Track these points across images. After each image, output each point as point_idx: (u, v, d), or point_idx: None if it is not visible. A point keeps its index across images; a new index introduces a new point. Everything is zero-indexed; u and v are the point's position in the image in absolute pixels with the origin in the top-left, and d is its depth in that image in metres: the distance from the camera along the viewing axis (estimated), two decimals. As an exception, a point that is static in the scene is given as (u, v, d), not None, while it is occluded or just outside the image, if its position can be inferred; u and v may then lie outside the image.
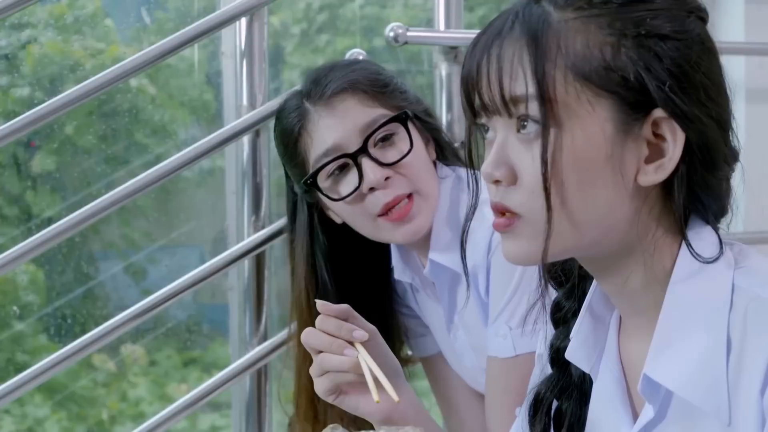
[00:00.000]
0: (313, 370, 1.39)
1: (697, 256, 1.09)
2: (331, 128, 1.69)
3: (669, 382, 1.08)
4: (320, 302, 1.39)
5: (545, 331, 1.26)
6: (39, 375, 1.85)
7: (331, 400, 1.40)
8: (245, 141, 2.01)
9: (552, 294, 1.24)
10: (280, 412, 1.98)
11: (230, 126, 1.97)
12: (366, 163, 1.67)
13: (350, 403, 1.40)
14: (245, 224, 2.02)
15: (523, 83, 1.07)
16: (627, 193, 1.08)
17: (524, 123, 1.08)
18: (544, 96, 1.06)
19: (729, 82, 1.12)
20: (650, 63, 1.06)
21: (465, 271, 1.25)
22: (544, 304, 1.21)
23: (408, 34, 2.05)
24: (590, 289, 1.20)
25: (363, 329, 1.37)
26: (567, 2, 1.08)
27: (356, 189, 1.67)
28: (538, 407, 1.26)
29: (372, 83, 1.72)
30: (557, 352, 1.24)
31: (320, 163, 1.69)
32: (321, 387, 1.39)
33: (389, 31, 2.05)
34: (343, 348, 1.36)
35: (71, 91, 1.84)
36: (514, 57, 1.07)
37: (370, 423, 1.41)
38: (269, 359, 2.02)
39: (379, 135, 1.68)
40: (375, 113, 1.69)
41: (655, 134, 1.08)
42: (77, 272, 3.05)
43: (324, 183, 1.71)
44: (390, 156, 1.68)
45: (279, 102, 1.81)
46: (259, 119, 1.96)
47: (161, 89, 3.08)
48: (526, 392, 1.29)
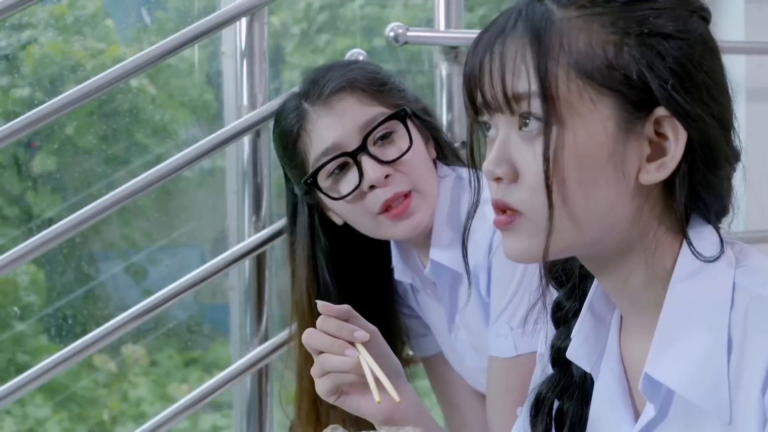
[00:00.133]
0: (314, 371, 1.39)
1: (698, 255, 1.09)
2: (330, 127, 1.69)
3: (670, 381, 1.08)
4: (321, 303, 1.39)
5: (546, 331, 1.26)
6: (40, 375, 1.85)
7: (333, 401, 1.40)
8: (246, 141, 2.01)
9: (553, 294, 1.24)
10: (281, 413, 1.98)
11: (231, 126, 1.97)
12: (366, 162, 1.67)
13: (351, 404, 1.40)
14: (246, 224, 2.02)
15: (526, 81, 1.07)
16: (628, 192, 1.08)
17: (526, 120, 1.08)
18: (547, 93, 1.06)
19: (731, 82, 1.12)
20: (653, 62, 1.06)
21: (466, 269, 1.25)
22: (545, 304, 1.21)
23: (408, 34, 2.04)
24: (591, 289, 1.20)
25: (364, 330, 1.37)
26: (570, 1, 1.08)
27: (356, 187, 1.67)
28: (540, 407, 1.26)
29: (370, 82, 1.71)
30: (558, 352, 1.24)
31: (320, 163, 1.69)
32: (322, 387, 1.39)
33: (389, 31, 2.05)
34: (344, 348, 1.36)
35: (72, 92, 1.84)
36: (517, 54, 1.07)
37: (372, 424, 1.41)
38: (270, 359, 2.01)
39: (379, 133, 1.68)
40: (374, 111, 1.69)
41: (657, 133, 1.08)
42: (78, 273, 3.04)
43: (324, 182, 1.70)
44: (389, 154, 1.68)
45: (278, 103, 1.81)
46: (260, 119, 1.96)
47: (162, 89, 3.07)
48: (528, 392, 1.29)
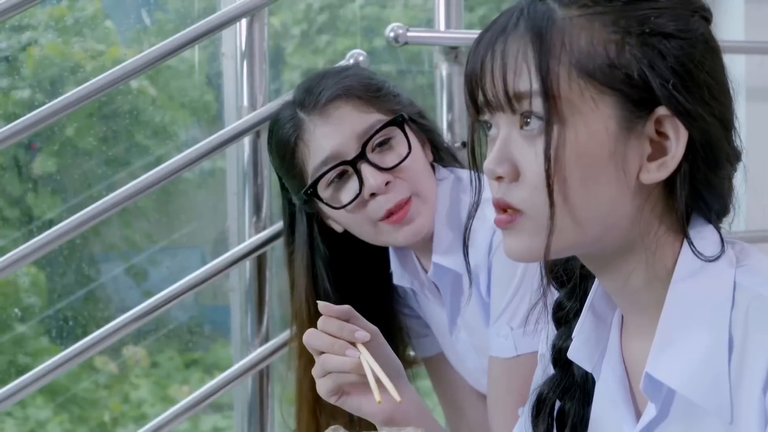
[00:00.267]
0: (316, 371, 1.39)
1: (699, 255, 1.09)
2: (328, 136, 1.68)
3: (671, 381, 1.08)
4: (322, 303, 1.39)
5: (547, 331, 1.26)
6: (41, 377, 1.85)
7: (334, 401, 1.40)
8: (246, 142, 2.01)
9: (554, 294, 1.24)
10: (284, 412, 1.98)
11: (231, 127, 1.97)
12: (366, 169, 1.66)
13: (353, 404, 1.40)
14: (246, 225, 2.02)
15: (527, 79, 1.07)
16: (629, 191, 1.08)
17: (527, 119, 1.08)
18: (548, 92, 1.06)
19: (732, 82, 1.12)
20: (654, 61, 1.06)
21: (468, 269, 1.25)
22: (546, 304, 1.21)
23: (408, 35, 2.05)
24: (592, 289, 1.20)
25: (365, 330, 1.37)
26: (572, 0, 1.08)
27: (357, 196, 1.67)
28: (541, 407, 1.26)
29: (365, 88, 1.71)
30: (559, 352, 1.24)
31: (319, 172, 1.68)
32: (323, 388, 1.39)
33: (389, 32, 2.05)
34: (345, 349, 1.36)
35: (72, 93, 1.84)
36: (519, 53, 1.07)
37: (373, 426, 1.41)
38: (271, 360, 2.01)
39: (377, 140, 1.68)
40: (371, 119, 1.68)
41: (658, 132, 1.08)
42: (78, 274, 3.04)
43: (324, 192, 1.70)
44: (389, 160, 1.68)
45: (275, 109, 1.81)
46: (260, 120, 1.96)
47: (162, 91, 3.07)
48: (529, 392, 1.29)
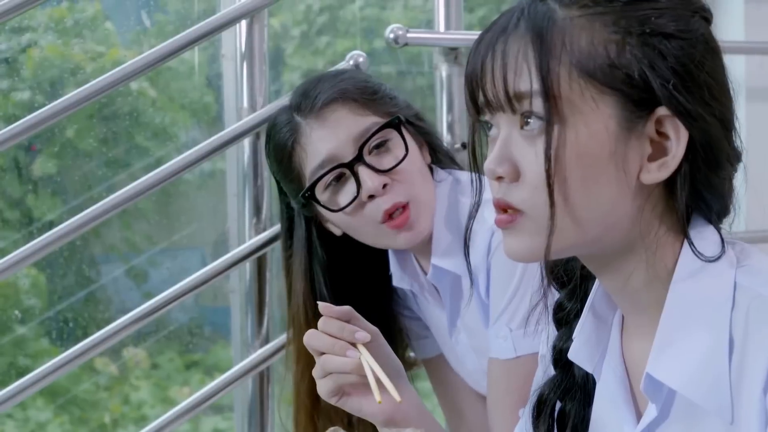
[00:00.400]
0: (316, 372, 1.39)
1: (700, 255, 1.09)
2: (325, 139, 1.68)
3: (671, 381, 1.08)
4: (322, 304, 1.39)
5: (548, 332, 1.26)
6: (41, 379, 1.85)
7: (334, 402, 1.40)
8: (246, 143, 2.01)
9: (554, 294, 1.24)
10: (282, 414, 1.98)
11: (231, 128, 1.97)
12: (363, 172, 1.66)
13: (353, 405, 1.40)
14: (246, 226, 2.02)
15: (528, 79, 1.07)
16: (630, 191, 1.08)
17: (528, 119, 1.08)
18: (548, 92, 1.06)
19: (732, 82, 1.12)
20: (654, 61, 1.06)
21: (468, 269, 1.24)
22: (547, 305, 1.20)
23: (408, 36, 2.04)
24: (592, 289, 1.19)
25: (365, 330, 1.37)
26: (572, 0, 1.08)
27: (355, 198, 1.67)
28: (542, 408, 1.25)
29: (361, 91, 1.71)
30: (560, 353, 1.23)
31: (317, 175, 1.68)
32: (324, 389, 1.39)
33: (389, 33, 2.05)
34: (346, 349, 1.35)
35: (72, 95, 1.84)
36: (519, 53, 1.07)
37: (372, 428, 1.41)
38: (271, 361, 2.01)
39: (374, 142, 1.68)
40: (367, 121, 1.69)
41: (659, 132, 1.08)
42: (79, 276, 3.04)
43: (322, 195, 1.70)
44: (386, 162, 1.68)
45: (274, 110, 1.81)
46: (260, 122, 1.95)
47: (162, 92, 3.08)
48: (529, 393, 1.29)
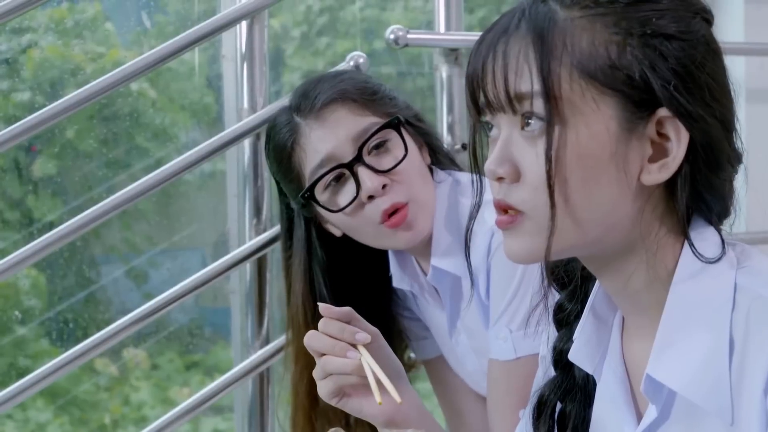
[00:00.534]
0: (317, 373, 1.39)
1: (700, 256, 1.09)
2: (324, 140, 1.68)
3: (672, 382, 1.08)
4: (323, 305, 1.39)
5: (548, 333, 1.26)
6: (41, 380, 1.85)
7: (335, 403, 1.40)
8: (246, 144, 2.01)
9: (554, 295, 1.24)
10: (281, 415, 1.98)
11: (231, 129, 1.97)
12: (362, 172, 1.66)
13: (353, 406, 1.40)
14: (246, 227, 2.02)
15: (529, 80, 1.07)
16: (630, 192, 1.08)
17: (528, 120, 1.08)
18: (549, 93, 1.06)
19: (733, 84, 1.12)
20: (655, 62, 1.06)
21: (469, 269, 1.24)
22: (547, 306, 1.20)
23: (408, 37, 2.05)
24: (593, 290, 1.19)
25: (365, 331, 1.37)
26: (573, 1, 1.08)
27: (355, 198, 1.67)
28: (542, 409, 1.25)
29: (361, 92, 1.71)
30: (560, 354, 1.23)
31: (316, 176, 1.68)
32: (324, 390, 1.39)
33: (389, 34, 2.05)
34: (346, 350, 1.35)
35: (72, 96, 1.84)
36: (520, 54, 1.07)
37: (371, 429, 1.41)
38: (271, 362, 2.01)
39: (373, 142, 1.68)
40: (366, 121, 1.69)
41: (660, 133, 1.08)
42: (79, 276, 3.04)
43: (321, 195, 1.70)
44: (385, 163, 1.68)
45: (274, 111, 1.81)
46: (260, 122, 1.96)
47: (162, 93, 3.08)
48: (529, 394, 1.29)
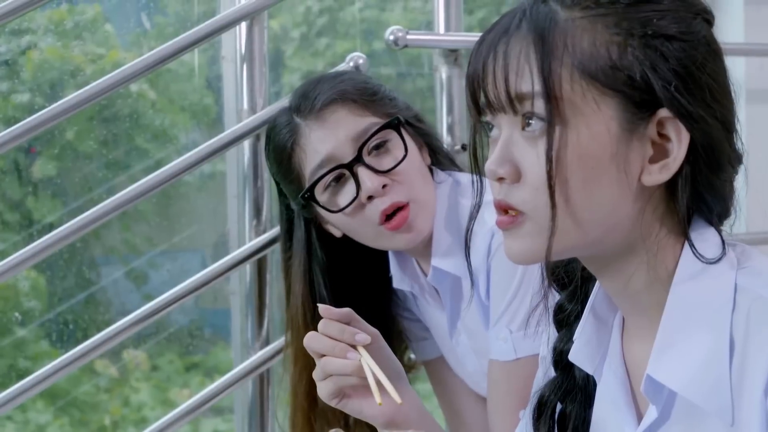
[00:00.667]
0: (317, 375, 1.39)
1: (700, 257, 1.09)
2: (324, 140, 1.68)
3: (672, 383, 1.08)
4: (322, 306, 1.39)
5: (548, 334, 1.26)
6: (41, 381, 1.85)
7: (335, 404, 1.40)
8: (246, 145, 2.01)
9: (555, 296, 1.24)
10: (280, 416, 1.98)
11: (231, 130, 1.97)
12: (362, 172, 1.66)
13: (353, 407, 1.40)
14: (246, 228, 2.02)
15: (529, 80, 1.07)
16: (631, 193, 1.08)
17: (529, 120, 1.08)
18: (550, 93, 1.06)
19: (733, 84, 1.12)
20: (656, 63, 1.06)
21: (469, 270, 1.24)
22: (547, 306, 1.20)
23: (408, 38, 2.05)
24: (593, 291, 1.19)
25: (365, 332, 1.37)
26: (574, 1, 1.08)
27: (355, 199, 1.67)
28: (542, 410, 1.25)
29: (361, 92, 1.71)
30: (560, 355, 1.23)
31: (316, 176, 1.68)
32: (324, 391, 1.39)
33: (389, 35, 2.05)
34: (346, 351, 1.35)
35: (71, 97, 1.84)
36: (521, 54, 1.07)
37: (372, 429, 1.41)
38: (271, 363, 2.01)
39: (373, 143, 1.68)
40: (366, 122, 1.69)
41: (660, 134, 1.08)
42: (79, 278, 3.04)
43: (321, 196, 1.70)
44: (385, 163, 1.68)
45: (274, 112, 1.81)
46: (260, 123, 1.96)
47: (161, 94, 3.08)
48: (529, 395, 1.29)
